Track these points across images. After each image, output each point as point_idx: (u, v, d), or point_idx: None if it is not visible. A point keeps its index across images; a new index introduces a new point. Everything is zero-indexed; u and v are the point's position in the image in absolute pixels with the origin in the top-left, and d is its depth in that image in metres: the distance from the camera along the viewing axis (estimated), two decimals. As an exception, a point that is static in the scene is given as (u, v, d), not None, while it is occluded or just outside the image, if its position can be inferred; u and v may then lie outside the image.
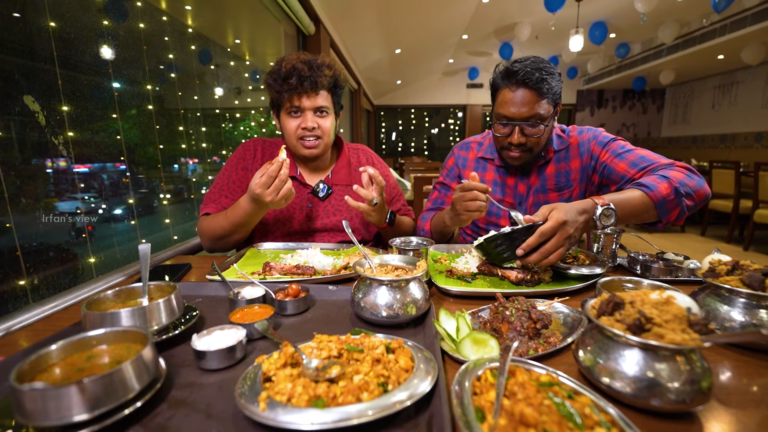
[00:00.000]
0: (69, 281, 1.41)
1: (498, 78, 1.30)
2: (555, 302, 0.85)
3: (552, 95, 1.26)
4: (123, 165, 1.79)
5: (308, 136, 1.37)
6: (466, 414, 0.44)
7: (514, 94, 1.25)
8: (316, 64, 1.33)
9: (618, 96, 10.68)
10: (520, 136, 1.30)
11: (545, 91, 1.23)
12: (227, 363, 0.63)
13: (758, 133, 7.42)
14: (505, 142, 1.34)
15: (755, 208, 4.66)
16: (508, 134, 1.32)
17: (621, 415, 0.46)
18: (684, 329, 0.52)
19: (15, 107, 1.24)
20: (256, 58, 3.82)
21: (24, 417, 0.45)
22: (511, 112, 1.27)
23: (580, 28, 5.74)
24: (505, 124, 1.30)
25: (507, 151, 1.37)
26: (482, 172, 1.54)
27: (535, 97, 1.23)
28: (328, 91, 1.38)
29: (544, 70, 1.22)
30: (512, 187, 1.48)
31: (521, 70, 1.22)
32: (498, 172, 1.50)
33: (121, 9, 1.76)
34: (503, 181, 1.49)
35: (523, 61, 1.25)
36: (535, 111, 1.24)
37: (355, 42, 5.95)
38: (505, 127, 1.31)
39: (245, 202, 1.21)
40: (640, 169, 1.26)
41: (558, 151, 1.44)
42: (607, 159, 1.36)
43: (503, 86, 1.28)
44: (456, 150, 1.63)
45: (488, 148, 1.54)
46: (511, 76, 1.25)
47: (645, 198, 1.12)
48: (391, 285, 0.77)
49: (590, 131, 1.45)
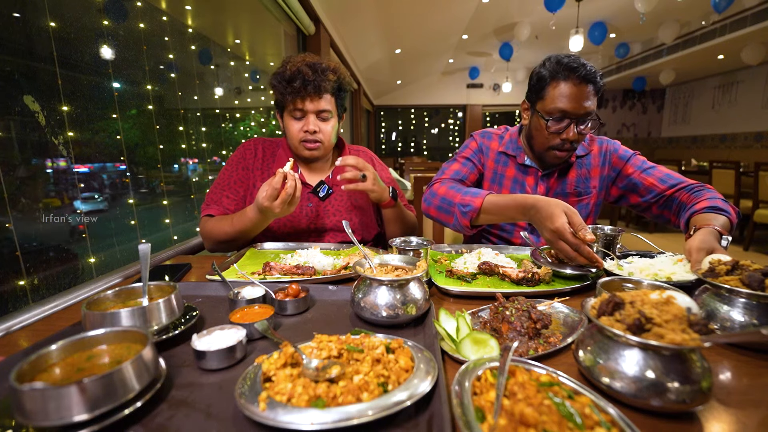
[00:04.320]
0: (69, 281, 1.41)
1: (555, 71, 1.26)
2: (555, 302, 0.85)
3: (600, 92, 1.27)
4: (123, 165, 1.79)
5: (309, 140, 1.37)
6: (466, 414, 0.44)
7: (577, 89, 1.22)
8: (320, 68, 1.33)
9: (618, 96, 10.68)
10: (575, 133, 1.26)
11: (600, 88, 1.25)
12: (227, 363, 0.63)
13: (758, 133, 7.42)
14: (557, 140, 1.29)
15: (755, 208, 4.66)
16: (561, 130, 1.27)
17: (621, 415, 0.46)
18: (684, 329, 0.52)
19: (15, 107, 1.25)
20: (256, 58, 3.82)
21: (24, 417, 0.45)
22: (571, 107, 1.23)
23: (580, 28, 5.74)
24: (560, 120, 1.27)
25: (556, 150, 1.32)
26: (503, 167, 1.49)
27: (592, 93, 1.24)
28: (331, 94, 1.38)
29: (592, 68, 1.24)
30: (532, 187, 1.45)
31: (580, 67, 1.22)
32: (519, 169, 1.46)
33: (121, 9, 1.76)
34: (523, 179, 1.46)
35: (569, 56, 1.26)
36: (591, 108, 1.24)
37: (355, 42, 5.95)
38: (558, 123, 1.27)
39: (252, 212, 1.21)
40: (671, 186, 1.33)
41: (579, 157, 1.45)
42: (633, 173, 1.40)
43: (561, 79, 1.24)
44: (478, 137, 1.54)
45: (509, 144, 1.49)
46: (571, 71, 1.22)
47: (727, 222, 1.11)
48: (391, 285, 0.77)
49: (610, 143, 1.47)
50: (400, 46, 7.00)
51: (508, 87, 9.43)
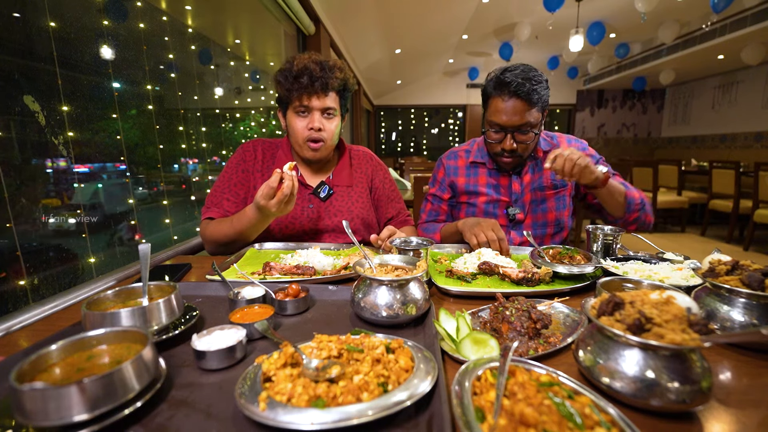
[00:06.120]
0: (69, 281, 1.41)
1: (490, 87, 1.37)
2: (555, 302, 0.85)
3: (541, 103, 1.34)
4: (123, 165, 1.79)
5: (314, 137, 1.37)
6: (466, 414, 0.44)
7: (506, 104, 1.32)
8: (328, 66, 1.34)
9: (618, 96, 10.67)
10: (512, 143, 1.38)
11: (535, 100, 1.31)
12: (227, 363, 0.63)
13: (758, 133, 7.42)
14: (498, 148, 1.42)
15: (755, 208, 4.65)
16: (500, 140, 1.40)
17: (621, 415, 0.46)
18: (684, 329, 0.52)
19: (15, 107, 1.24)
20: (256, 58, 3.82)
21: (24, 417, 0.45)
22: (503, 120, 1.34)
23: (579, 28, 5.74)
24: (498, 131, 1.39)
25: (500, 157, 1.45)
26: (474, 177, 1.58)
27: (525, 107, 1.31)
28: (336, 93, 1.38)
29: (533, 80, 1.30)
30: (506, 187, 1.54)
31: (513, 81, 1.29)
32: (490, 174, 1.56)
33: (121, 9, 1.76)
34: (497, 182, 1.55)
35: (513, 71, 1.32)
36: (526, 119, 1.32)
37: (355, 42, 5.95)
38: (497, 134, 1.40)
39: (251, 211, 1.21)
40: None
41: (547, 152, 1.49)
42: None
43: (495, 95, 1.35)
44: (444, 160, 1.66)
45: (477, 152, 1.58)
46: (503, 87, 1.31)
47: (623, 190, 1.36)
48: (391, 285, 0.77)
49: (578, 142, 1.57)
50: (400, 46, 7.00)
51: (508, 87, 9.43)
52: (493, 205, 1.55)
